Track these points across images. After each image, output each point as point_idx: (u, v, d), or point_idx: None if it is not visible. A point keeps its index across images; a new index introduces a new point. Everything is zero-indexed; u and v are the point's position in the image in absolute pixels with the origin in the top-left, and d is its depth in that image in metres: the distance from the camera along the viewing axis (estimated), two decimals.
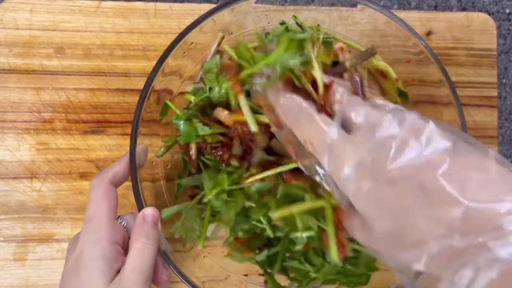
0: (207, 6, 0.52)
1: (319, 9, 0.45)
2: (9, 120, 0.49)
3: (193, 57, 0.44)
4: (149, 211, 0.38)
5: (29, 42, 0.50)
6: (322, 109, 0.32)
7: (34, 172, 0.49)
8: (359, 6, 0.42)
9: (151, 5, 0.52)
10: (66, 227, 0.49)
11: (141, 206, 0.39)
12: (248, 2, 0.42)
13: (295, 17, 0.44)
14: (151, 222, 0.38)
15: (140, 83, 0.48)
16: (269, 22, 0.46)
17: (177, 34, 0.40)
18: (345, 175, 0.29)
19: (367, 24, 0.44)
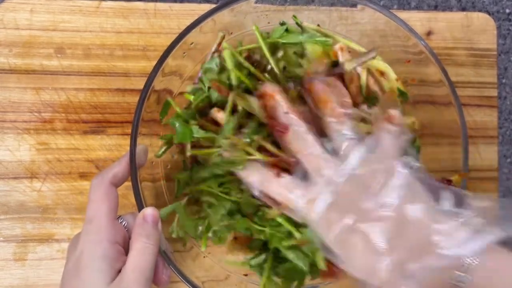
0: (207, 6, 0.52)
1: (319, 9, 0.45)
2: (9, 120, 0.49)
3: (193, 57, 0.44)
4: (149, 211, 0.38)
5: (29, 42, 0.50)
6: (279, 172, 0.38)
7: (34, 172, 0.49)
8: (359, 6, 0.43)
9: (151, 5, 0.52)
10: (66, 227, 0.49)
11: (141, 206, 0.39)
12: (248, 2, 0.42)
13: (295, 17, 0.44)
14: (152, 222, 0.38)
15: (140, 83, 0.48)
16: (269, 22, 0.46)
17: (177, 34, 0.40)
18: (312, 216, 0.35)
19: (367, 24, 0.44)
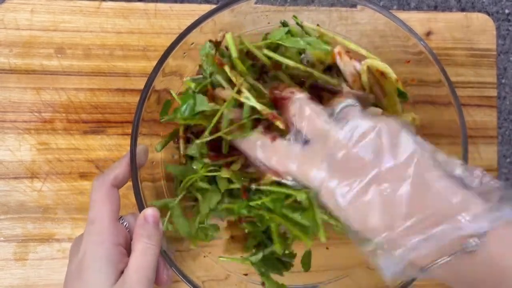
0: (207, 7, 0.52)
1: (319, 9, 0.45)
2: (9, 120, 0.49)
3: (193, 57, 0.44)
4: (150, 212, 0.38)
5: (29, 42, 0.50)
6: (276, 135, 0.36)
7: (35, 172, 0.49)
8: (359, 7, 0.43)
9: (152, 5, 0.52)
10: (67, 227, 0.49)
11: (141, 206, 0.39)
12: (248, 3, 0.42)
13: (295, 17, 0.44)
14: (152, 222, 0.38)
15: (140, 83, 0.48)
16: (269, 23, 0.46)
17: (177, 35, 0.40)
18: (314, 183, 0.34)
19: (367, 24, 0.44)
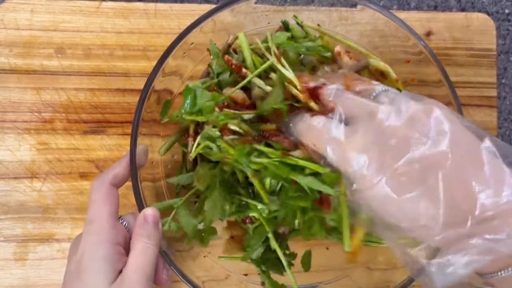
0: (207, 7, 0.52)
1: (319, 9, 0.45)
2: (9, 120, 0.49)
3: (193, 57, 0.44)
4: (149, 211, 0.38)
5: (29, 42, 0.50)
6: (316, 112, 0.35)
7: (35, 172, 0.49)
8: (359, 7, 0.43)
9: (152, 5, 0.52)
10: (67, 227, 0.49)
11: (141, 206, 0.39)
12: (248, 3, 0.42)
13: (296, 17, 0.44)
14: (152, 222, 0.38)
15: (140, 83, 0.48)
16: (269, 23, 0.46)
17: (177, 35, 0.40)
18: (352, 167, 0.31)
19: (367, 24, 0.44)
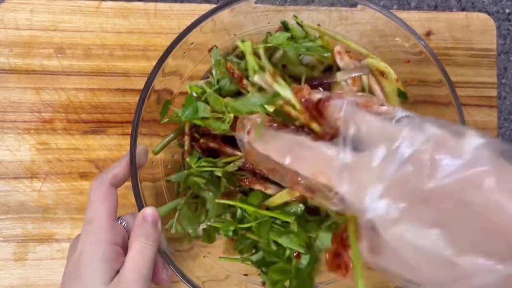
0: (207, 6, 0.52)
1: (319, 9, 0.45)
2: (9, 120, 0.49)
3: (193, 57, 0.44)
4: (149, 211, 0.38)
5: (29, 42, 0.50)
6: (319, 136, 0.31)
7: (34, 172, 0.49)
8: (359, 6, 0.43)
9: (151, 5, 0.52)
10: (67, 227, 0.49)
11: (141, 206, 0.39)
12: (248, 2, 0.42)
13: (296, 17, 0.44)
14: (151, 222, 0.38)
15: (140, 83, 0.48)
16: (269, 22, 0.46)
17: (177, 34, 0.40)
18: (371, 199, 0.27)
19: (367, 24, 0.44)
